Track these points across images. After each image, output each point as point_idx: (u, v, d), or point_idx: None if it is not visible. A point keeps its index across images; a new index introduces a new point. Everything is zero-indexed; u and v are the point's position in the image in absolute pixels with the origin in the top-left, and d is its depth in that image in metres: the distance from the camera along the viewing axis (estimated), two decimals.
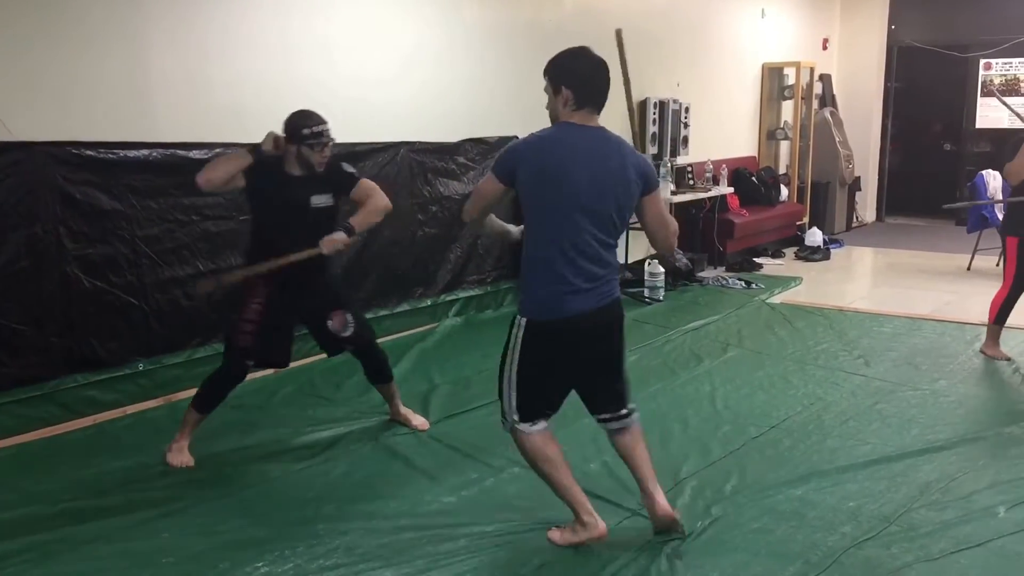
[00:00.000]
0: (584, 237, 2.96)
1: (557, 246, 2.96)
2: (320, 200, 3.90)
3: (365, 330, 4.19)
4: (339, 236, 3.87)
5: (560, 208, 2.95)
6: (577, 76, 3.02)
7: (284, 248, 3.82)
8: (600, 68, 3.06)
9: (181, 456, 3.87)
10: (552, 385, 3.14)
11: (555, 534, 3.21)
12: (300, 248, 3.81)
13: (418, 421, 4.35)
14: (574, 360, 3.10)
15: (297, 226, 3.85)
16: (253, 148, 3.85)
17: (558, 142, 3.00)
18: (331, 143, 3.90)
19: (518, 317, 3.06)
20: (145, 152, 4.64)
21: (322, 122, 3.86)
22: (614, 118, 8.84)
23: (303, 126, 3.82)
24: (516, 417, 3.10)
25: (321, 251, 3.84)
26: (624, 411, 3.21)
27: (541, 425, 3.13)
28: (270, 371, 5.11)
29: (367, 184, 4.02)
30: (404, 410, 4.37)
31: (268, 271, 3.82)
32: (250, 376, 4.97)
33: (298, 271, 3.85)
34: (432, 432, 4.28)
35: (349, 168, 4.04)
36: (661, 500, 3.20)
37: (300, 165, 3.87)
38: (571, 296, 2.98)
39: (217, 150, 4.90)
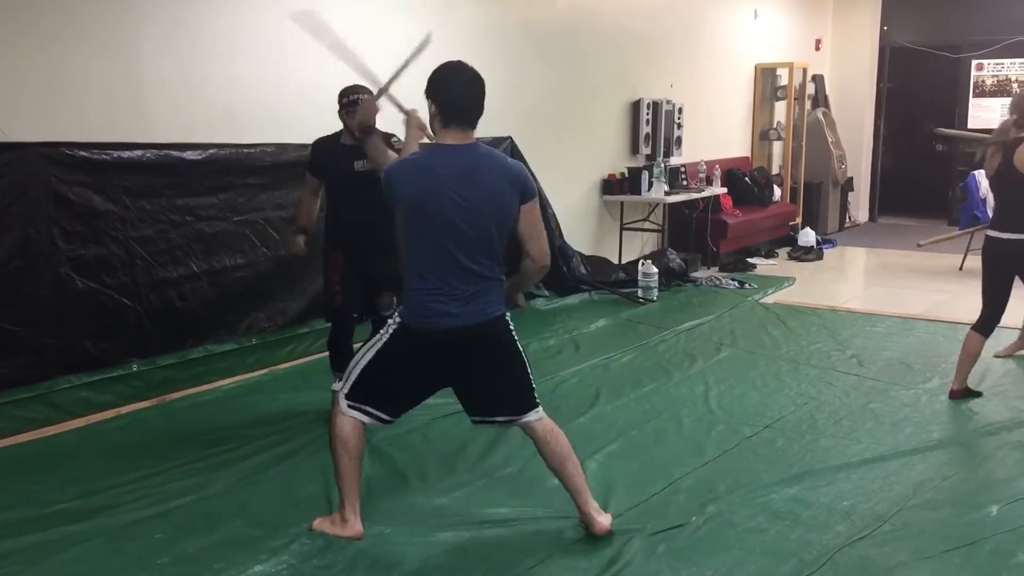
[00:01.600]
0: (456, 259, 2.95)
1: (430, 267, 2.97)
2: (360, 164, 4.16)
3: None
4: (296, 244, 4.41)
5: (429, 235, 2.95)
6: (443, 90, 2.97)
7: (342, 210, 4.25)
8: (472, 85, 2.99)
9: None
10: (395, 387, 3.15)
11: (317, 521, 3.26)
12: (354, 210, 4.19)
13: None
14: (431, 370, 3.09)
15: (345, 189, 4.20)
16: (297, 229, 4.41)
17: (425, 169, 2.96)
18: (371, 110, 4.05)
19: (396, 313, 3.12)
20: (139, 153, 4.64)
21: (359, 91, 4.10)
22: (611, 116, 8.83)
23: (342, 95, 4.17)
24: (347, 391, 3.13)
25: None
26: (514, 416, 3.18)
27: (357, 414, 3.14)
28: (264, 370, 5.14)
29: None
30: None
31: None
32: (243, 376, 5.03)
33: (362, 243, 4.23)
34: (425, 433, 4.28)
35: (399, 144, 4.13)
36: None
37: (347, 133, 4.19)
38: (441, 312, 2.97)
39: (211, 151, 4.92)
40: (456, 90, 2.98)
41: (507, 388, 3.17)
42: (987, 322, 4.69)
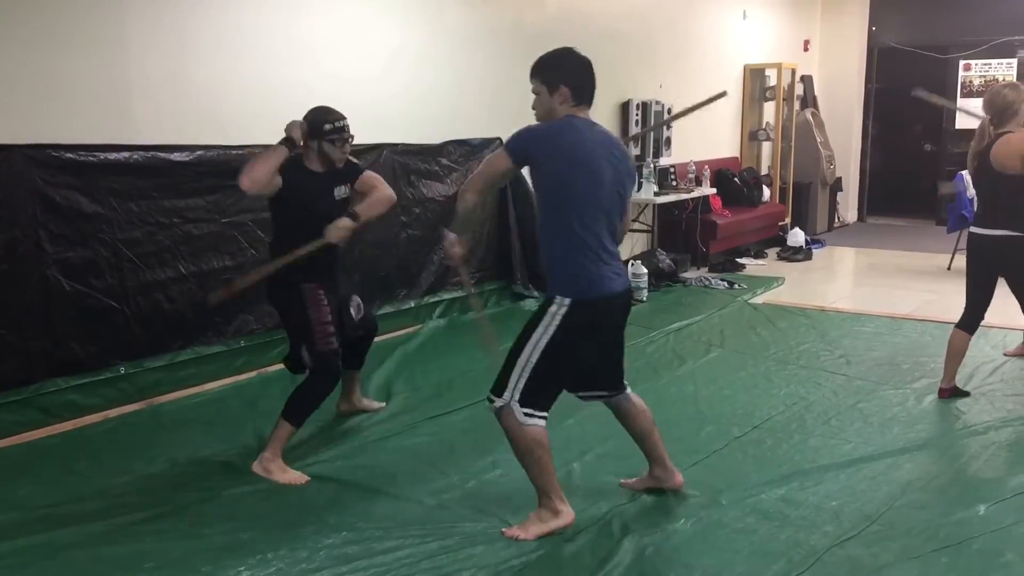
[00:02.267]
0: (611, 223, 3.17)
1: (592, 234, 3.10)
2: (341, 192, 3.97)
3: (372, 317, 4.39)
4: (344, 223, 3.83)
5: (590, 195, 3.10)
6: (573, 73, 3.19)
7: (309, 241, 3.80)
8: (590, 66, 3.24)
9: (290, 474, 3.75)
10: (564, 375, 3.23)
11: (515, 531, 3.23)
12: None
13: (377, 405, 4.59)
14: (593, 345, 3.23)
15: (321, 219, 3.83)
16: (286, 140, 3.76)
17: (579, 132, 3.13)
18: (351, 139, 3.92)
19: (558, 298, 3.12)
20: (126, 155, 4.61)
21: (342, 118, 3.88)
22: (601, 116, 8.83)
23: (324, 121, 3.82)
24: (518, 398, 3.14)
25: (329, 240, 3.81)
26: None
27: (537, 423, 3.20)
28: (253, 372, 5.12)
29: (371, 175, 4.09)
30: (362, 398, 4.57)
31: (276, 269, 3.83)
32: (232, 379, 5.02)
33: (332, 265, 3.96)
34: (415, 435, 4.27)
35: (353, 159, 4.10)
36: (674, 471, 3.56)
37: (320, 161, 3.88)
38: (610, 277, 3.16)
39: (198, 152, 4.90)
40: (583, 71, 3.21)
41: (621, 357, 3.43)
42: (971, 319, 4.72)
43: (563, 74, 3.16)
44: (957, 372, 4.81)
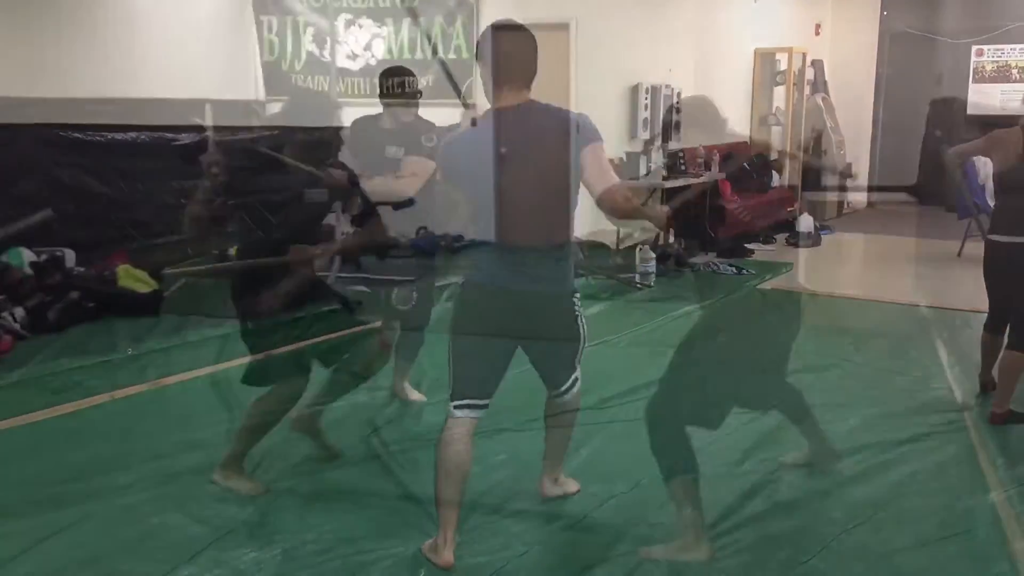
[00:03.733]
0: None
1: None
2: (392, 151, 3.93)
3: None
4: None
5: None
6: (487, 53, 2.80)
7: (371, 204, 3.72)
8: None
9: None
10: None
11: (427, 544, 3.04)
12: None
13: (416, 396, 4.50)
14: None
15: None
16: None
17: None
18: (416, 93, 3.95)
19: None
20: (134, 135, 4.60)
21: (402, 73, 3.95)
22: (610, 100, 8.75)
23: (383, 80, 3.96)
24: None
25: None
26: None
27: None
28: (260, 354, 5.10)
29: (414, 162, 3.89)
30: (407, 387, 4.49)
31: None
32: (239, 359, 4.98)
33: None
34: (421, 421, 4.26)
35: (429, 142, 3.95)
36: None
37: (389, 118, 3.98)
38: None
39: (206, 133, 4.88)
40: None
41: None
42: (996, 320, 4.45)
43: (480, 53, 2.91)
44: (992, 367, 4.56)
